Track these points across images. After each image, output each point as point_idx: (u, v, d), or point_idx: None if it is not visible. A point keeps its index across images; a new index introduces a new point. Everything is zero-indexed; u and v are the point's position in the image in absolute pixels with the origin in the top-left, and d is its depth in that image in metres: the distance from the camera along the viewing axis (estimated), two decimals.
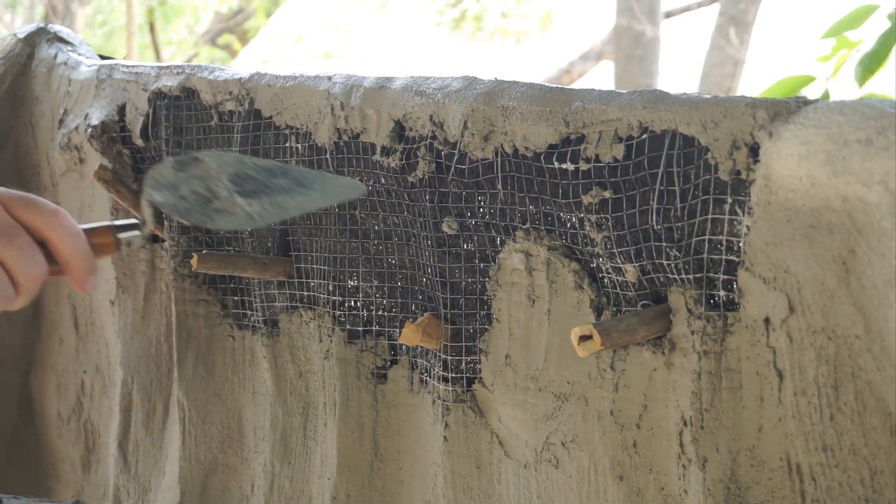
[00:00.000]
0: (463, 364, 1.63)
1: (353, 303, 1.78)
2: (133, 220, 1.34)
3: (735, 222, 1.31)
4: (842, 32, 2.72)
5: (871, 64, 2.61)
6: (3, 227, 1.26)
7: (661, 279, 1.39)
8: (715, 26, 8.87)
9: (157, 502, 2.10)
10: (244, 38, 10.89)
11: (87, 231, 1.32)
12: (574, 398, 1.51)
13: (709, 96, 1.34)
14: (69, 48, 2.31)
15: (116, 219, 2.13)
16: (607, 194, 1.41)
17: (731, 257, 1.32)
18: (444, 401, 1.65)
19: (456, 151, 1.57)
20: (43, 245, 1.28)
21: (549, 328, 1.53)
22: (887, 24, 2.66)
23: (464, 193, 1.58)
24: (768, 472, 1.30)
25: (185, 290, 1.99)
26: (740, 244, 1.30)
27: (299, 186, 1.36)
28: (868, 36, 2.72)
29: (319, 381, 1.83)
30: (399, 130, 1.65)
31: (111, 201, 2.13)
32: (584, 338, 1.36)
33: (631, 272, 1.42)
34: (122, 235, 1.33)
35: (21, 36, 2.36)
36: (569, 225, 1.48)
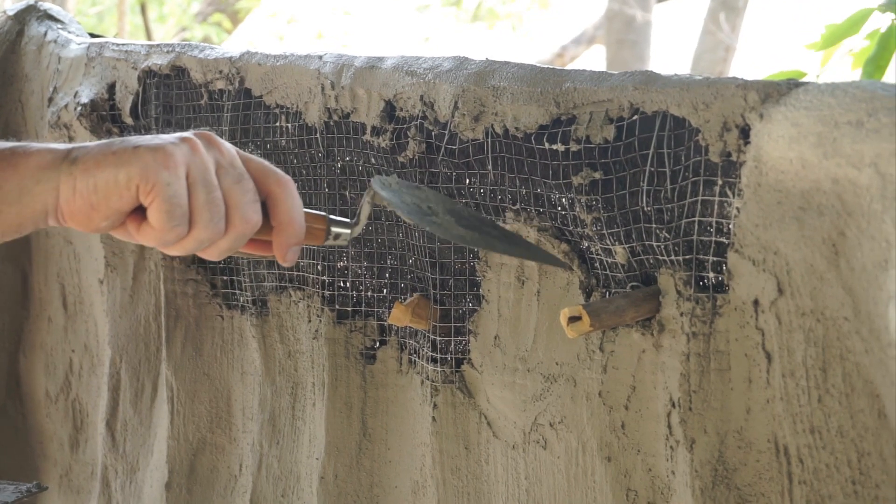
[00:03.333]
0: (452, 345, 1.63)
1: (342, 283, 1.78)
2: (347, 220, 1.32)
3: (725, 204, 1.31)
4: (840, 39, 2.72)
5: (874, 70, 2.61)
6: (237, 171, 1.22)
7: (651, 261, 1.39)
8: (707, 11, 8.87)
9: (145, 481, 2.10)
10: (236, 19, 10.86)
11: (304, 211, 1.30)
12: (562, 379, 1.51)
13: (700, 78, 1.34)
14: (59, 26, 2.30)
15: None
16: (598, 175, 1.41)
17: (721, 239, 1.32)
18: (433, 381, 1.64)
19: (446, 132, 1.56)
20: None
21: (538, 309, 1.53)
22: (885, 26, 2.65)
23: (454, 174, 1.58)
24: (756, 453, 1.30)
25: (175, 270, 1.99)
26: (730, 226, 1.30)
27: (507, 240, 1.38)
28: (864, 36, 2.72)
29: (308, 361, 1.83)
30: (389, 110, 1.65)
31: None
32: (574, 319, 1.36)
33: (621, 254, 1.42)
34: (335, 229, 1.31)
35: (11, 13, 2.35)
36: (559, 206, 1.48)
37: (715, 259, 1.33)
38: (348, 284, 1.77)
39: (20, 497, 1.99)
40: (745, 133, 1.28)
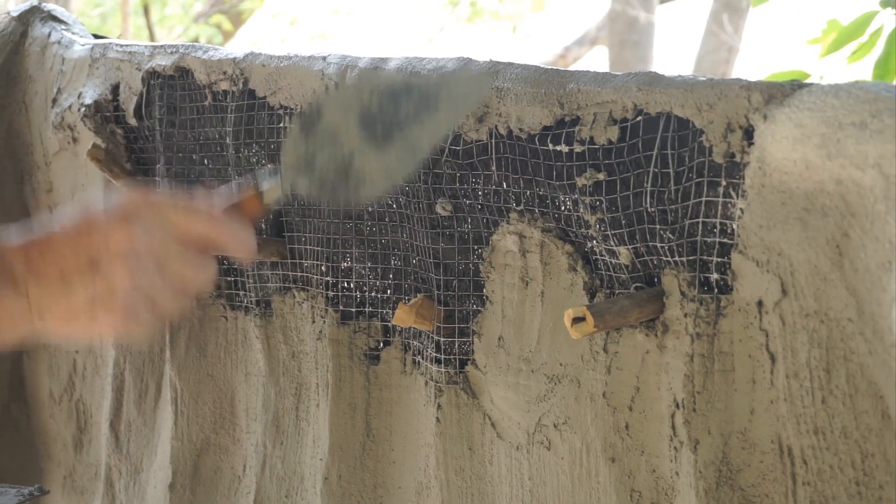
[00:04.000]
0: (456, 346, 1.63)
1: (346, 284, 1.78)
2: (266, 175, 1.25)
3: (729, 205, 1.31)
4: (846, 43, 2.71)
5: (885, 73, 2.60)
6: (164, 260, 1.27)
7: (655, 262, 1.39)
8: (709, 12, 8.87)
9: (148, 482, 2.10)
10: (238, 20, 10.86)
11: (235, 205, 1.27)
12: (566, 380, 1.51)
13: (704, 79, 1.34)
14: (63, 27, 2.30)
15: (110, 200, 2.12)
16: (601, 176, 1.41)
17: (725, 240, 1.32)
18: (437, 382, 1.65)
19: (450, 133, 1.56)
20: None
21: (542, 310, 1.53)
22: (891, 27, 2.65)
23: (458, 175, 1.58)
24: (759, 454, 1.30)
25: None
26: (734, 227, 1.30)
27: (425, 107, 1.25)
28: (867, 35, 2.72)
29: (312, 361, 1.83)
30: None
31: (104, 180, 2.12)
32: (578, 320, 1.36)
33: (624, 254, 1.42)
34: (264, 188, 1.24)
35: (15, 14, 2.35)
36: (563, 207, 1.48)
37: (719, 260, 1.33)
38: (352, 285, 1.77)
39: (22, 500, 1.99)
40: (748, 134, 1.28)
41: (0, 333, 1.30)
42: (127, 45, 2.10)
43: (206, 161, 1.94)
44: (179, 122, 1.96)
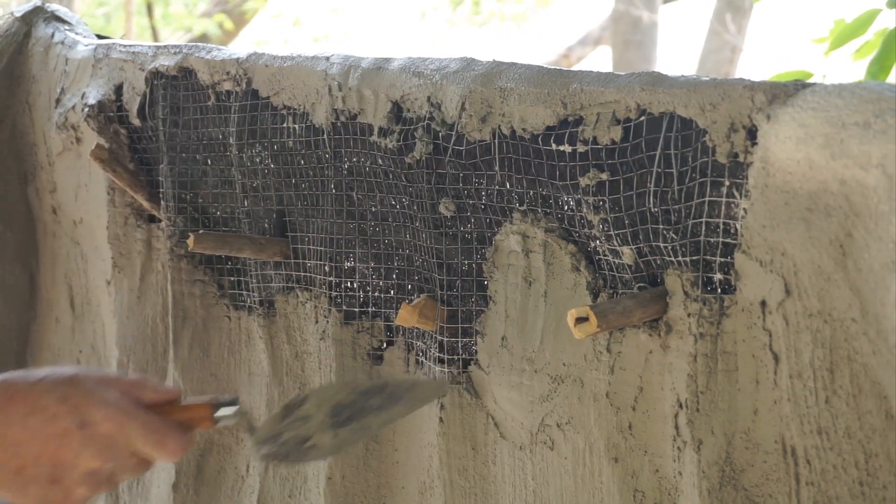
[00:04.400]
0: (459, 345, 1.63)
1: (349, 284, 1.78)
2: (231, 402, 1.44)
3: (732, 205, 1.31)
4: (848, 40, 2.71)
5: (879, 70, 2.60)
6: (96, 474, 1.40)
7: (658, 262, 1.39)
8: (713, 12, 8.87)
9: (152, 482, 2.10)
10: (241, 21, 10.86)
11: (185, 407, 1.43)
12: (570, 380, 1.51)
13: (707, 78, 1.34)
14: (66, 27, 2.31)
15: (113, 200, 2.13)
16: (605, 176, 1.41)
17: (728, 240, 1.32)
18: None
19: (453, 133, 1.57)
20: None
21: (545, 310, 1.53)
22: (891, 26, 2.65)
23: (461, 175, 1.58)
24: (763, 454, 1.30)
25: (182, 271, 1.99)
26: (737, 227, 1.30)
27: (389, 402, 1.46)
28: (872, 35, 2.72)
29: (315, 361, 1.83)
30: (397, 111, 1.65)
31: (107, 181, 2.12)
32: (581, 320, 1.36)
33: (628, 254, 1.42)
34: (219, 413, 1.44)
35: (18, 15, 2.35)
36: (566, 207, 1.48)
37: (722, 260, 1.33)
38: (355, 285, 1.77)
39: None
40: (752, 134, 1.28)
41: None
42: (130, 46, 2.10)
43: (209, 161, 1.94)
44: (183, 123, 1.96)
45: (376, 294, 1.76)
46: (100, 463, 1.36)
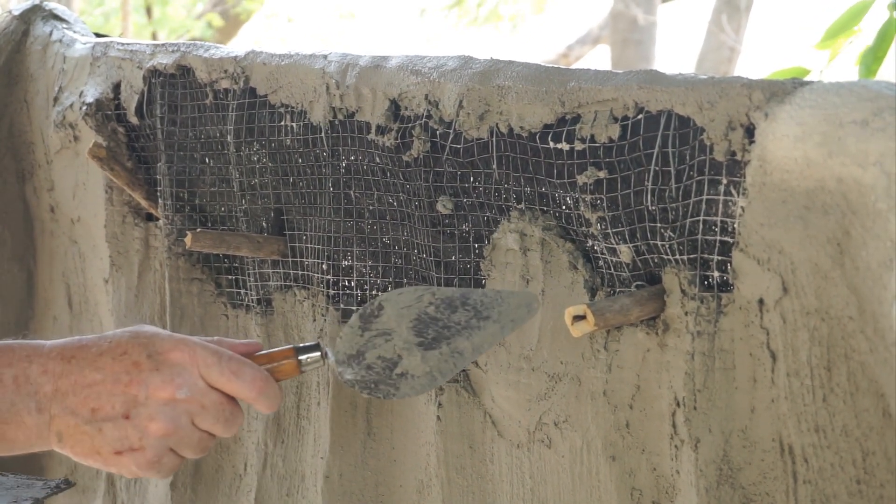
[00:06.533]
0: None
1: (347, 282, 1.78)
2: (314, 343, 1.41)
3: (730, 203, 1.31)
4: (840, 34, 2.71)
5: (872, 62, 2.60)
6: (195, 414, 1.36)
7: (656, 260, 1.39)
8: (711, 12, 8.88)
9: (150, 480, 2.10)
10: (238, 21, 10.86)
11: (271, 355, 1.40)
12: (567, 378, 1.51)
13: (705, 77, 1.34)
14: (64, 25, 2.30)
15: (111, 198, 2.13)
16: (602, 174, 1.41)
17: (726, 238, 1.32)
18: None
19: (451, 131, 1.56)
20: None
21: (542, 308, 1.53)
22: (883, 18, 2.65)
23: (458, 173, 1.58)
24: (760, 452, 1.30)
25: (179, 269, 1.99)
26: (735, 225, 1.30)
27: (477, 318, 1.40)
28: (866, 30, 2.72)
29: None
30: (394, 109, 1.65)
31: (105, 179, 2.12)
32: (578, 318, 1.36)
33: (625, 253, 1.42)
34: (303, 356, 1.40)
35: (16, 13, 2.35)
36: (564, 205, 1.48)
37: (720, 258, 1.33)
38: (353, 283, 1.77)
39: (49, 493, 2.01)
40: (749, 132, 1.28)
41: (13, 444, 1.34)
42: (128, 44, 2.10)
43: (207, 160, 1.94)
44: (181, 121, 1.96)
45: (374, 292, 1.76)
46: (171, 390, 1.32)
